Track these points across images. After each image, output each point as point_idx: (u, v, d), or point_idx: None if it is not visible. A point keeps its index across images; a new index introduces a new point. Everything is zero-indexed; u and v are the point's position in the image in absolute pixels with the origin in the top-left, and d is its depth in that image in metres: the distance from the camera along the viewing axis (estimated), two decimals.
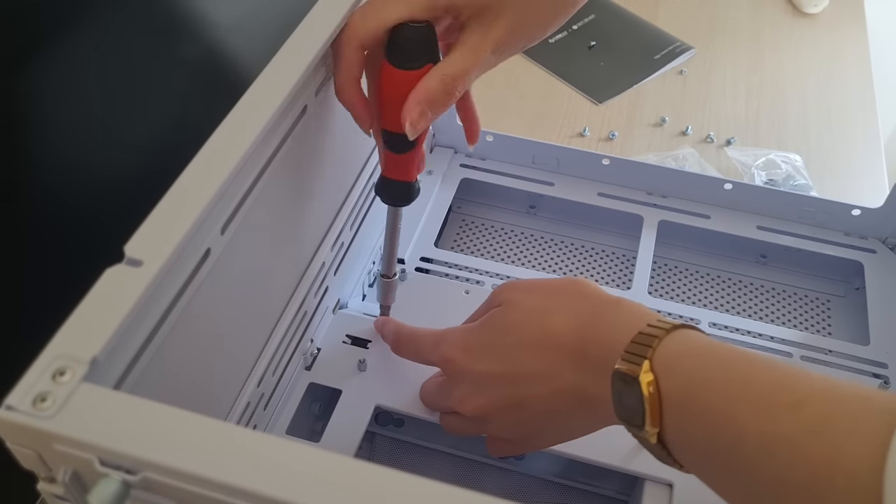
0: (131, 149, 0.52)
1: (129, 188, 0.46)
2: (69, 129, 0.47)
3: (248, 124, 0.35)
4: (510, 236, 0.66)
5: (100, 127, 0.49)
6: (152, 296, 0.30)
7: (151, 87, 0.53)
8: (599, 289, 0.42)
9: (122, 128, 0.51)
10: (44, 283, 0.46)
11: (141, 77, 0.52)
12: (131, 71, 0.51)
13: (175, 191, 0.32)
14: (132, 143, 0.52)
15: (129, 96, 0.51)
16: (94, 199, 0.49)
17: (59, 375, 0.26)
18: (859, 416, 0.28)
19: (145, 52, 0.52)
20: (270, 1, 0.63)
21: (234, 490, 0.24)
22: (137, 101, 0.52)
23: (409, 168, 0.45)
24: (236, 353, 0.42)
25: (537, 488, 0.52)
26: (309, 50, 0.39)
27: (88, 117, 0.48)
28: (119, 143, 0.51)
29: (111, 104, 0.50)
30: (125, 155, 0.52)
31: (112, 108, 0.50)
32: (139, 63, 0.51)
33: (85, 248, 0.46)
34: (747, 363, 0.32)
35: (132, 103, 0.51)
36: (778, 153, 0.76)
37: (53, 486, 0.27)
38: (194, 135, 0.35)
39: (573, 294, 0.41)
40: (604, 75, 0.87)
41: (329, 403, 0.50)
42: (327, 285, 0.51)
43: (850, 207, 0.61)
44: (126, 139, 0.52)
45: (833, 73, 0.89)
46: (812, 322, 0.60)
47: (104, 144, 0.50)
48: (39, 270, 0.46)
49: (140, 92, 0.52)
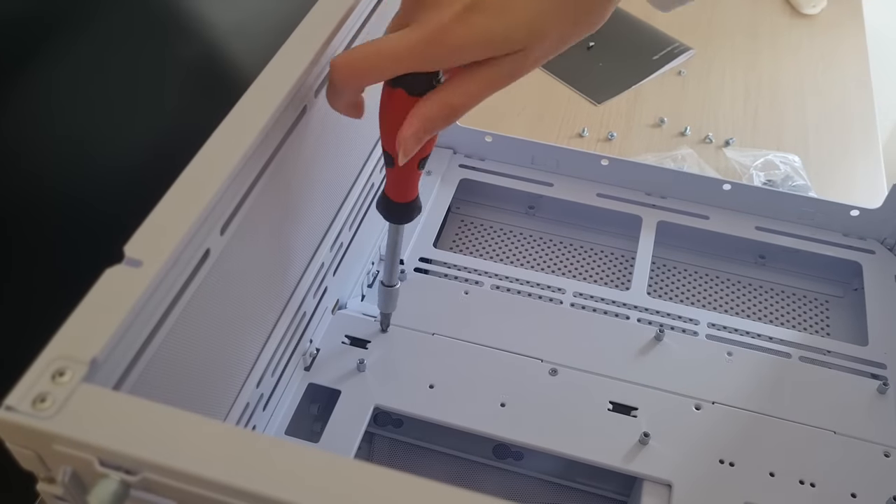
0: (130, 149, 0.52)
1: (128, 188, 0.46)
2: (68, 129, 0.47)
3: (248, 125, 0.35)
4: (509, 237, 0.66)
5: (99, 127, 0.49)
6: (152, 296, 0.30)
7: (150, 87, 0.53)
8: None
9: (121, 128, 0.51)
10: (43, 284, 0.46)
11: (140, 77, 0.52)
12: (130, 71, 0.51)
13: (175, 191, 0.32)
14: (131, 143, 0.52)
15: (129, 96, 0.51)
16: (93, 200, 0.49)
17: (59, 376, 0.26)
18: None
19: (144, 53, 0.52)
20: (270, 1, 0.63)
21: (234, 490, 0.24)
22: (136, 101, 0.52)
23: (407, 188, 0.44)
24: (236, 353, 0.42)
25: (536, 489, 0.52)
26: (308, 50, 0.39)
27: (87, 118, 0.48)
28: (118, 143, 0.51)
29: (110, 104, 0.50)
30: (124, 155, 0.52)
31: (111, 109, 0.50)
32: (138, 63, 0.51)
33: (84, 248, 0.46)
34: None
35: (131, 103, 0.51)
36: (776, 154, 0.76)
37: (53, 486, 0.27)
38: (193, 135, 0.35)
39: None
40: (602, 76, 0.87)
41: (328, 404, 0.50)
42: (326, 286, 0.51)
43: (848, 208, 0.61)
44: (125, 139, 0.52)
45: (831, 73, 0.90)
46: (810, 323, 0.61)
47: (103, 145, 0.50)
48: (38, 271, 0.46)
49: (139, 92, 0.52)
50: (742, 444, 0.48)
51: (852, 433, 0.49)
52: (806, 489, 0.46)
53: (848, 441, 0.49)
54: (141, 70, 0.52)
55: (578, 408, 0.49)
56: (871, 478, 0.47)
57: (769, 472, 0.47)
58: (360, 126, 0.51)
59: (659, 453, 0.47)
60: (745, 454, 0.47)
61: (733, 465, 0.47)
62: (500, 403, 0.49)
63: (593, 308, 0.56)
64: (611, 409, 0.49)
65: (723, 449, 0.48)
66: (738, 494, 0.46)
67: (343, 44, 0.43)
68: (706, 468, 0.47)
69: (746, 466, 0.47)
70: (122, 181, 0.51)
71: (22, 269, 0.45)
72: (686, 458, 0.47)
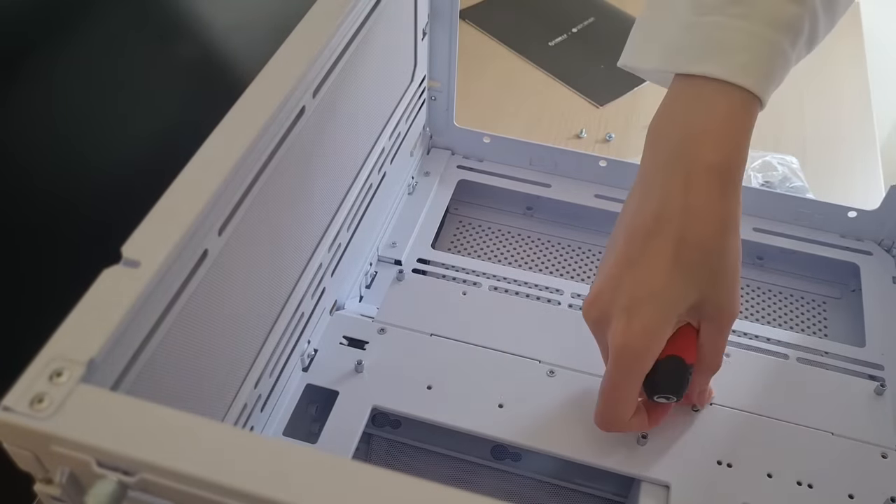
0: (129, 149, 0.52)
1: (126, 189, 0.46)
2: (66, 128, 0.47)
3: (246, 125, 0.35)
4: (507, 238, 0.66)
5: (96, 127, 0.49)
6: (150, 297, 0.30)
7: (149, 87, 0.53)
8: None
9: (119, 128, 0.51)
10: (41, 284, 0.46)
11: (138, 77, 0.52)
12: (128, 71, 0.51)
13: (172, 192, 0.32)
14: (129, 143, 0.52)
15: (126, 96, 0.51)
16: (91, 200, 0.49)
17: (56, 376, 0.26)
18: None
19: (143, 53, 0.52)
20: (269, 1, 0.63)
21: (231, 491, 0.24)
22: (134, 101, 0.52)
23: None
24: (233, 354, 0.42)
25: (534, 490, 0.52)
26: (307, 50, 0.39)
27: (85, 117, 0.48)
28: (116, 143, 0.51)
29: (108, 104, 0.50)
30: (123, 155, 0.52)
31: (108, 109, 0.50)
32: (136, 63, 0.51)
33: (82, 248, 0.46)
34: None
35: (129, 104, 0.51)
36: (774, 155, 0.76)
37: (50, 487, 0.27)
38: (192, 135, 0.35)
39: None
40: (604, 78, 0.87)
41: (326, 405, 0.50)
42: (324, 287, 0.51)
43: (846, 209, 0.61)
44: (123, 140, 0.52)
45: (829, 75, 0.90)
46: (808, 324, 0.61)
47: (101, 145, 0.50)
48: (36, 271, 0.46)
49: (137, 92, 0.52)
50: (740, 445, 0.48)
51: (850, 434, 0.49)
52: (804, 490, 0.46)
53: (845, 442, 0.49)
54: (140, 70, 0.52)
55: (576, 409, 0.49)
56: (869, 479, 0.47)
57: (767, 473, 0.47)
58: (359, 126, 0.51)
59: (657, 454, 0.47)
60: (743, 455, 0.48)
61: (731, 466, 0.47)
62: (497, 404, 0.49)
63: None
64: None
65: (721, 450, 0.48)
66: (735, 495, 0.46)
67: (342, 44, 0.43)
68: (704, 469, 0.47)
69: (744, 467, 0.47)
70: (119, 181, 0.51)
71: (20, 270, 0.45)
72: (684, 459, 0.47)
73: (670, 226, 0.40)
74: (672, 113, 0.41)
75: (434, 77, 0.63)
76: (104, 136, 0.50)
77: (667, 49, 0.42)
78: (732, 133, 0.39)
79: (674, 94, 0.42)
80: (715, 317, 0.42)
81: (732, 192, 0.40)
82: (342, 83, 0.45)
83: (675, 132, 0.41)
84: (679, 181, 0.40)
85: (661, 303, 0.40)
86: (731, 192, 0.40)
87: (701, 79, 0.40)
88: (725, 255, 0.40)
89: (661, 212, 0.40)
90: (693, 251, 0.40)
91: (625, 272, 0.41)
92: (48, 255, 0.46)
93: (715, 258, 0.40)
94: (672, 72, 0.41)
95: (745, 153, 0.40)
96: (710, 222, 0.40)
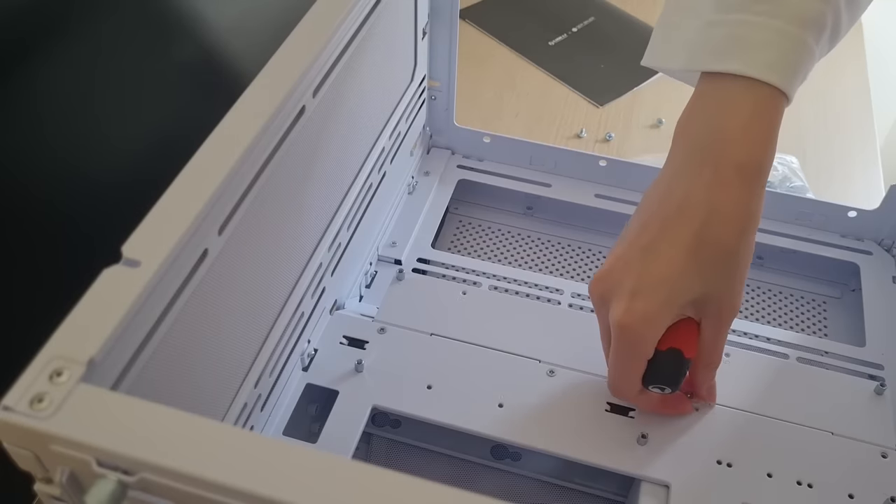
0: (129, 149, 0.52)
1: (126, 188, 0.46)
2: (66, 129, 0.47)
3: (246, 125, 0.35)
4: (507, 237, 0.66)
5: (97, 127, 0.49)
6: (150, 296, 0.30)
7: (149, 87, 0.53)
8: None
9: (119, 128, 0.51)
10: (41, 284, 0.46)
11: (138, 77, 0.52)
12: (128, 71, 0.51)
13: (173, 191, 0.32)
14: (129, 143, 0.52)
15: (127, 96, 0.51)
16: (91, 200, 0.49)
17: (56, 376, 0.26)
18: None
19: (143, 53, 0.52)
20: (269, 1, 0.63)
21: (231, 491, 0.24)
22: (134, 101, 0.52)
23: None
24: (234, 353, 0.42)
25: (534, 489, 0.52)
26: (307, 50, 0.39)
27: (85, 117, 0.48)
28: (116, 143, 0.51)
29: (108, 104, 0.50)
30: (123, 155, 0.52)
31: (108, 109, 0.50)
32: (136, 63, 0.51)
33: (82, 248, 0.46)
34: None
35: (129, 103, 0.51)
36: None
37: (50, 486, 0.27)
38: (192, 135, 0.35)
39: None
40: (604, 78, 0.87)
41: (326, 404, 0.50)
42: (324, 286, 0.51)
43: (846, 209, 0.61)
44: (123, 139, 0.52)
45: (829, 74, 0.90)
46: (808, 324, 0.61)
47: (101, 145, 0.50)
48: (36, 271, 0.46)
49: (137, 92, 0.52)
50: (740, 444, 0.48)
51: (850, 434, 0.49)
52: (803, 490, 0.46)
53: (845, 442, 0.49)
54: (139, 70, 0.52)
55: (576, 408, 0.49)
56: (869, 478, 0.47)
57: (767, 473, 0.47)
58: (359, 126, 0.51)
59: (657, 454, 0.47)
60: (743, 455, 0.48)
61: (731, 465, 0.47)
62: (498, 404, 0.49)
63: (591, 309, 0.56)
64: (608, 409, 0.49)
65: (720, 449, 0.48)
66: (735, 495, 0.46)
67: (342, 43, 0.43)
68: (704, 469, 0.47)
69: (744, 467, 0.47)
70: (120, 181, 0.51)
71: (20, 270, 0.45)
72: (684, 458, 0.47)
73: (692, 219, 0.40)
74: (699, 110, 0.41)
75: (434, 77, 0.63)
76: (104, 135, 0.50)
77: (692, 48, 0.42)
78: (761, 130, 0.40)
79: (701, 91, 0.42)
80: (717, 312, 0.43)
81: (758, 192, 0.40)
82: (342, 83, 0.45)
83: (703, 129, 0.41)
84: (706, 176, 0.40)
85: (666, 291, 0.41)
86: (756, 191, 0.40)
87: (727, 76, 0.40)
88: (741, 255, 0.41)
89: (685, 204, 0.40)
90: (711, 248, 0.40)
91: (638, 256, 0.41)
92: (48, 254, 0.46)
93: (731, 258, 0.40)
94: (698, 70, 0.42)
95: (773, 150, 0.40)
96: (733, 222, 0.40)
